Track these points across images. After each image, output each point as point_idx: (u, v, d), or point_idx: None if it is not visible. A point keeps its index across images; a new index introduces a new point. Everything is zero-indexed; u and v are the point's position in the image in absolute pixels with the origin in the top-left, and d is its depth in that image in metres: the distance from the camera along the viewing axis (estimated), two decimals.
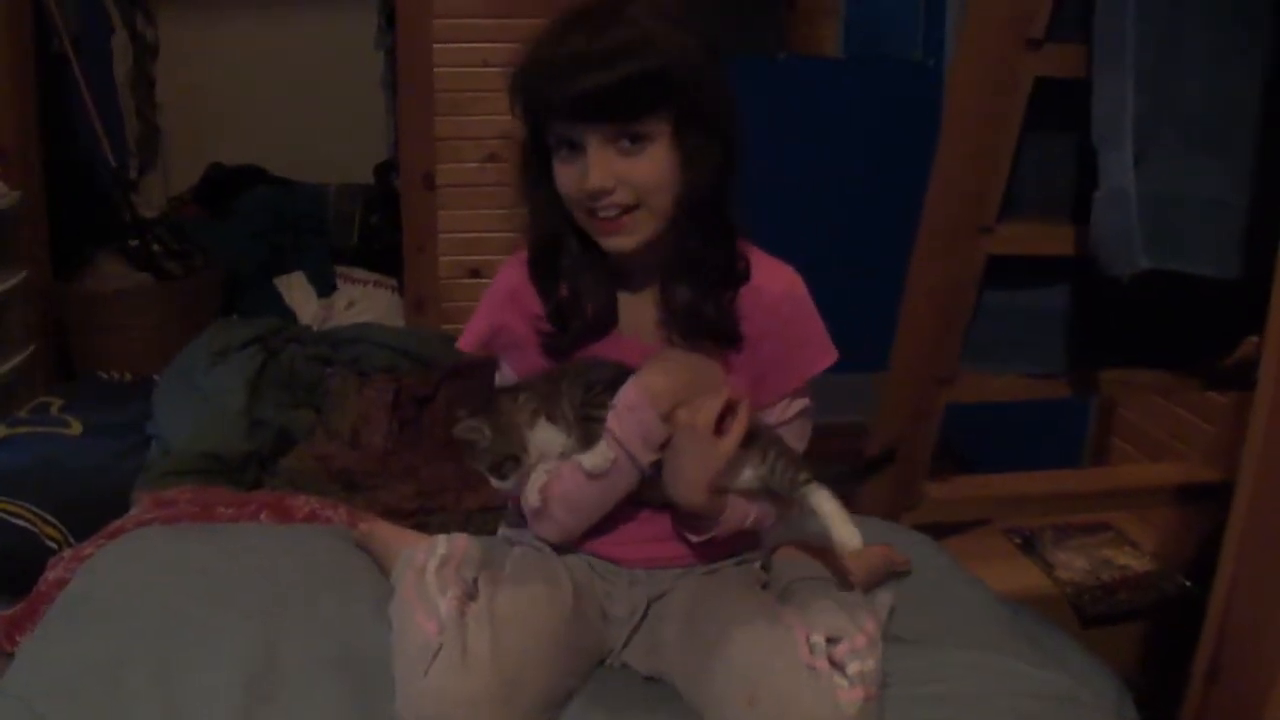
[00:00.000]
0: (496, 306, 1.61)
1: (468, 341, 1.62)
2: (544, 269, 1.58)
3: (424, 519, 2.73)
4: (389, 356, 3.60)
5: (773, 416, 1.62)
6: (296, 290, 4.35)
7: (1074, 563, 2.76)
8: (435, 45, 3.76)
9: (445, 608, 1.51)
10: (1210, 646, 1.75)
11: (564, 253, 1.56)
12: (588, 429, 1.53)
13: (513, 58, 1.50)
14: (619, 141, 1.45)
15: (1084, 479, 2.94)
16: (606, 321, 1.60)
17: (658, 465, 1.54)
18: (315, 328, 4.03)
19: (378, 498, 2.84)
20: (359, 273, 4.50)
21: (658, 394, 1.51)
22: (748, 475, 1.55)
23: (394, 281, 4.42)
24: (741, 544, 1.71)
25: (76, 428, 3.17)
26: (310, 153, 4.77)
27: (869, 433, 2.45)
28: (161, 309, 3.92)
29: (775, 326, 1.58)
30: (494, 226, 3.94)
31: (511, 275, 1.61)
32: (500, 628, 1.49)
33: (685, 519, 1.60)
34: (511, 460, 1.54)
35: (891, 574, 1.92)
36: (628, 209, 1.48)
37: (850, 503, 1.50)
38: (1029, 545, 2.81)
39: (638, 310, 1.60)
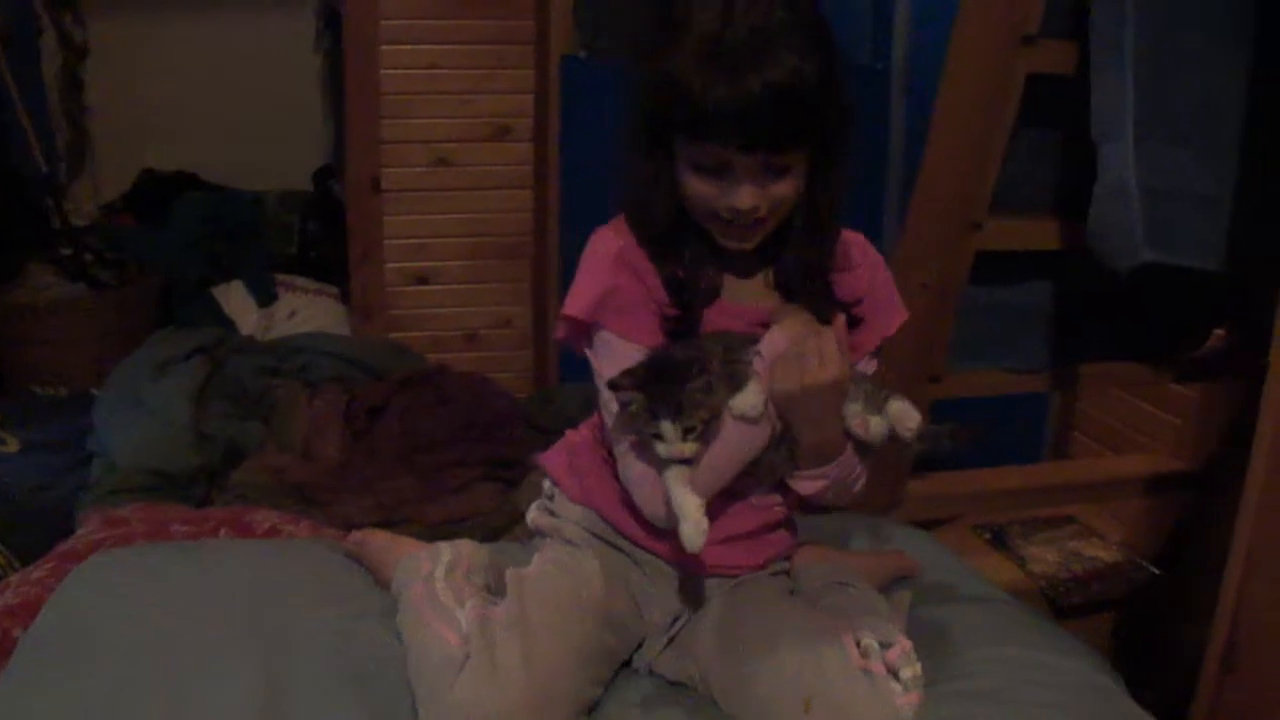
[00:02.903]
0: (607, 269, 1.55)
1: (578, 305, 1.55)
2: (661, 248, 1.55)
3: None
4: (337, 366, 3.54)
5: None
6: (235, 300, 4.22)
7: (1045, 556, 2.82)
8: (383, 47, 3.69)
9: (467, 617, 1.47)
10: (1223, 635, 1.75)
11: (680, 239, 1.55)
12: (733, 378, 1.51)
13: (648, 52, 1.49)
14: (766, 170, 1.45)
15: (1056, 472, 3.00)
16: (716, 294, 1.59)
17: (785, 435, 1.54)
18: (258, 338, 3.92)
19: (336, 511, 2.77)
20: (300, 281, 4.38)
21: (795, 336, 1.51)
22: (851, 408, 1.55)
23: (336, 290, 4.33)
24: (789, 548, 1.71)
25: (13, 445, 3.06)
26: (246, 158, 4.63)
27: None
28: (96, 320, 3.78)
29: (865, 291, 1.62)
30: (442, 232, 3.89)
31: (613, 240, 1.57)
32: (532, 636, 1.45)
33: (809, 458, 1.56)
34: (714, 420, 1.49)
35: (903, 578, 1.91)
36: (759, 219, 1.50)
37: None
38: (999, 540, 2.86)
39: (742, 282, 1.61)
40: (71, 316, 3.75)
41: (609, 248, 1.55)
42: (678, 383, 1.44)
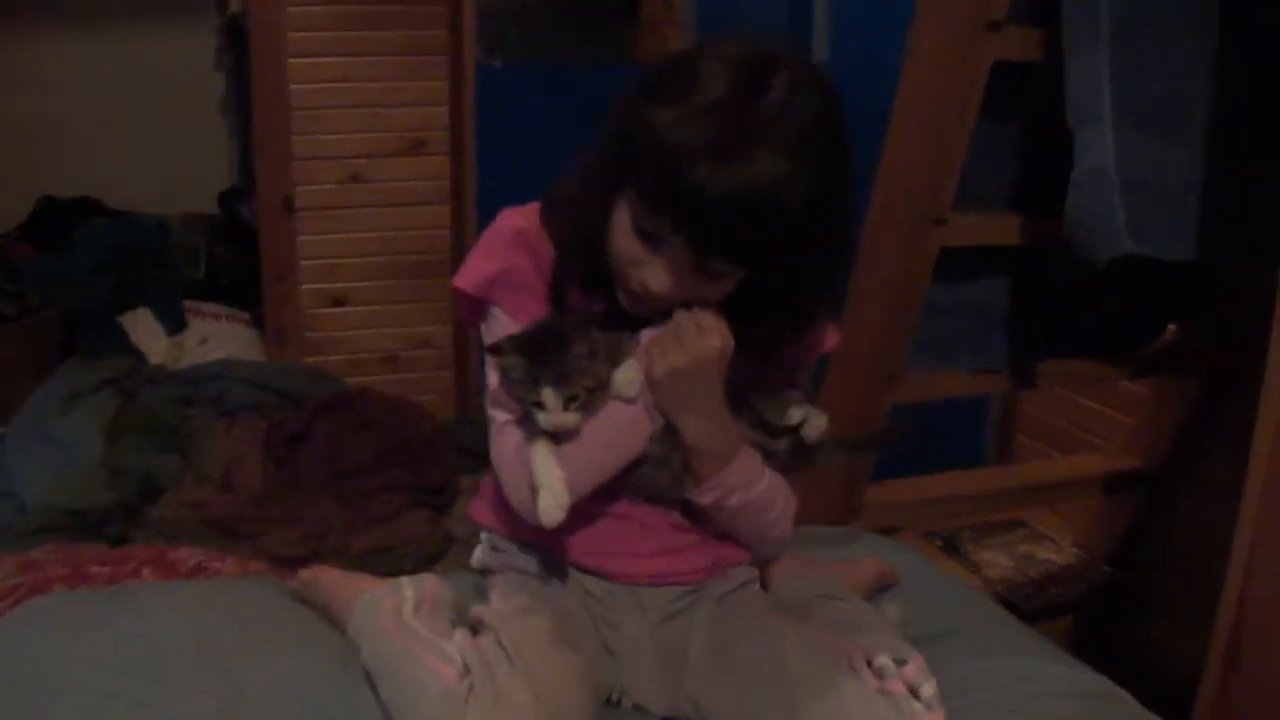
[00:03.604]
0: (505, 247, 1.48)
1: (470, 280, 1.48)
2: (571, 251, 1.47)
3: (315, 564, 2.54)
4: (253, 393, 3.42)
5: None
6: (143, 328, 4.07)
7: (998, 561, 2.80)
8: (290, 60, 3.59)
9: (459, 648, 1.36)
10: (1227, 631, 1.71)
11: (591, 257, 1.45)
12: (615, 353, 1.45)
13: (641, 92, 1.35)
14: (699, 267, 1.35)
15: (1011, 475, 2.97)
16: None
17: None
18: (169, 367, 3.78)
19: (262, 545, 2.66)
20: (210, 307, 4.24)
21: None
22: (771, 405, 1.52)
23: (247, 315, 4.20)
24: (740, 555, 1.62)
25: None
26: (149, 182, 4.48)
27: None
28: None
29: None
30: (358, 251, 3.80)
31: (517, 219, 1.50)
32: (533, 669, 1.34)
33: (700, 458, 1.48)
34: (597, 391, 1.42)
35: (882, 586, 1.84)
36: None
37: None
38: (951, 547, 2.84)
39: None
40: None
41: (509, 225, 1.49)
42: (562, 349, 1.38)
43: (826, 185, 1.31)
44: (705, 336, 1.40)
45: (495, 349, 1.41)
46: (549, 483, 1.38)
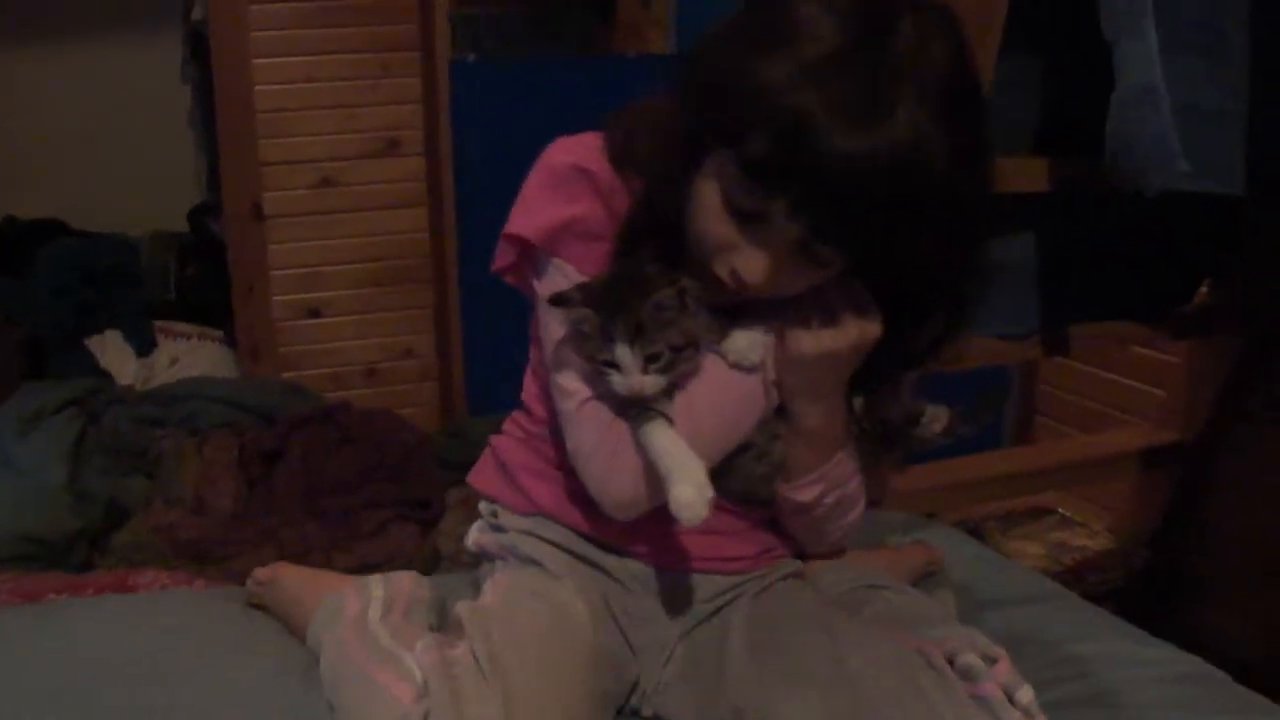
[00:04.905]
0: (573, 188, 1.27)
1: (535, 226, 1.27)
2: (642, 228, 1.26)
3: None
4: (226, 412, 3.30)
5: None
6: (112, 350, 3.95)
7: (1029, 550, 2.67)
8: (255, 60, 3.44)
9: (420, 661, 1.17)
10: None
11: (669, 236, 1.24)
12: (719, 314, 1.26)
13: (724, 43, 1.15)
14: (802, 250, 1.14)
15: (1041, 455, 2.78)
16: None
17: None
18: (138, 388, 3.63)
19: (234, 567, 2.50)
20: (180, 326, 4.11)
21: None
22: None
23: (220, 333, 4.06)
24: (790, 547, 1.45)
25: None
26: (116, 201, 4.36)
27: None
28: None
29: None
30: (332, 259, 3.66)
31: (576, 154, 1.29)
32: (508, 682, 1.14)
33: (808, 446, 1.31)
34: (686, 350, 1.21)
35: (928, 572, 1.67)
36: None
37: None
38: (977, 538, 2.65)
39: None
40: None
41: (567, 162, 1.28)
42: (641, 297, 1.17)
43: (970, 142, 1.12)
44: (864, 320, 1.22)
45: (560, 299, 1.20)
46: (687, 470, 1.17)
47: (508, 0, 3.81)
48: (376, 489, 2.90)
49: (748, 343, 1.25)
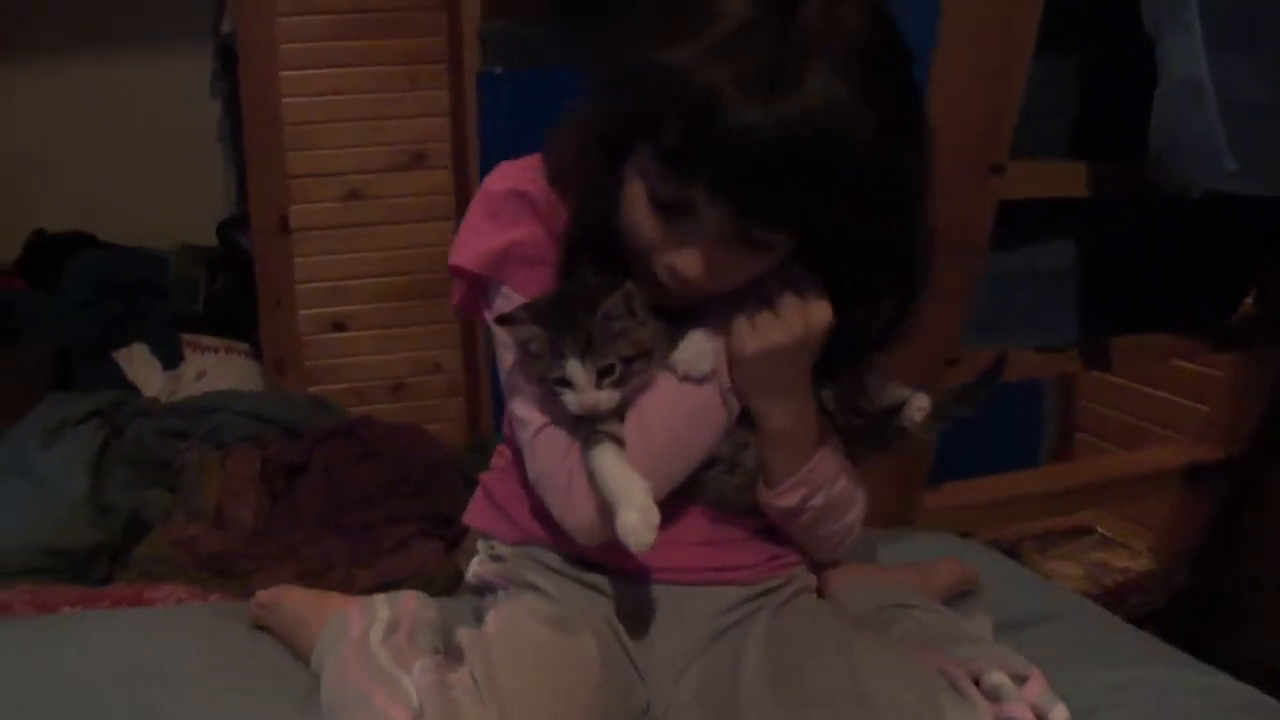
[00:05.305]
0: (512, 212, 1.25)
1: (473, 255, 1.26)
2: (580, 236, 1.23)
3: None
4: (251, 425, 3.28)
5: None
6: (139, 363, 3.95)
7: (1067, 571, 2.59)
8: (282, 73, 3.43)
9: (417, 684, 1.13)
10: None
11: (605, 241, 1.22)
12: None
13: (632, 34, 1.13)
14: (737, 238, 1.11)
15: (1081, 472, 2.68)
16: None
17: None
18: (164, 401, 3.62)
19: (255, 582, 2.46)
20: (207, 340, 4.12)
21: None
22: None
23: (247, 346, 4.06)
24: (798, 556, 1.40)
25: None
26: (145, 215, 4.39)
27: None
28: None
29: None
30: (358, 272, 3.64)
31: (517, 178, 1.27)
32: (505, 704, 1.10)
33: (785, 446, 1.27)
34: (639, 361, 1.17)
35: (963, 591, 1.61)
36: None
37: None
38: (1013, 557, 2.59)
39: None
40: None
41: (504, 188, 1.27)
42: (590, 310, 1.13)
43: (894, 109, 1.08)
44: (809, 308, 1.19)
45: (507, 319, 1.18)
46: (632, 496, 1.13)
47: (536, 13, 3.78)
48: (399, 504, 2.87)
49: (696, 352, 1.22)
